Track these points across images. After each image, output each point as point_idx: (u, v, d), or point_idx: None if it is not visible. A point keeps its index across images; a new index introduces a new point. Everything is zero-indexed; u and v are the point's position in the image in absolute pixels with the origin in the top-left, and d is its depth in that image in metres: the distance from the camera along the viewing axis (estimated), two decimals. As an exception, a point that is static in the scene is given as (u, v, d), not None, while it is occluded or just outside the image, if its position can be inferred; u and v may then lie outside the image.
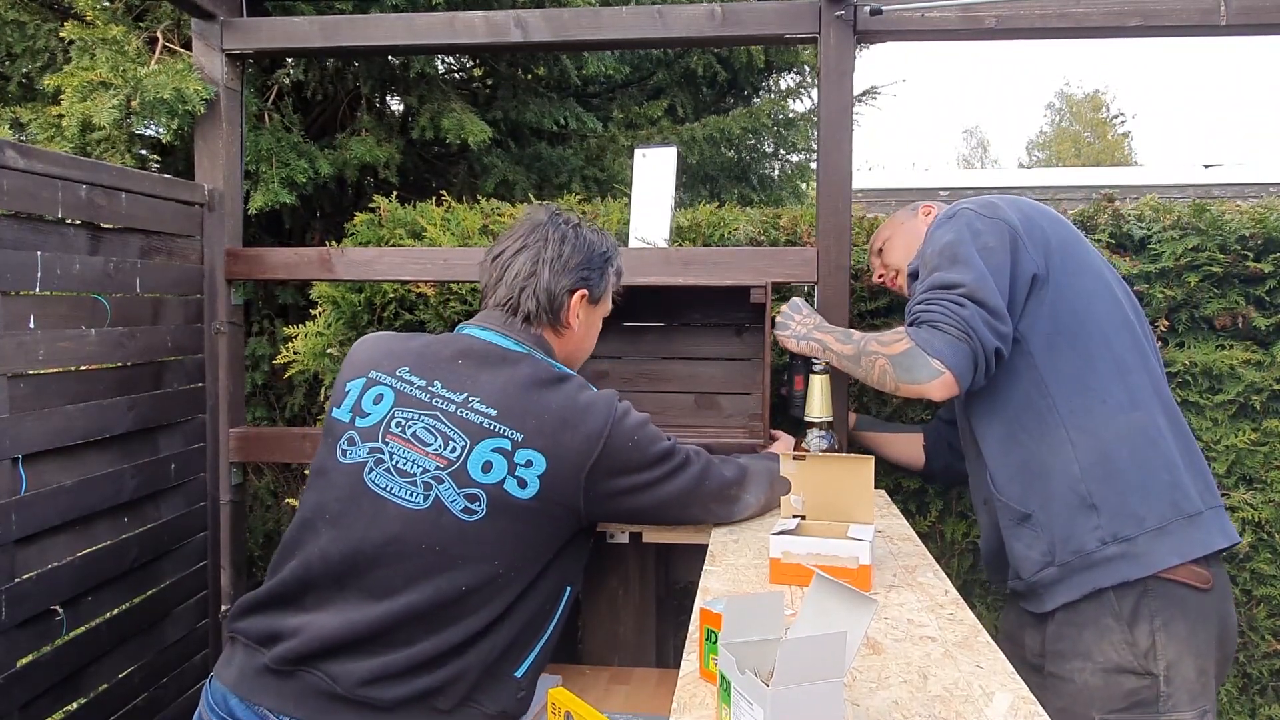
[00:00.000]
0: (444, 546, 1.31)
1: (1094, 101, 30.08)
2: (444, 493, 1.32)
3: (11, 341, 1.59)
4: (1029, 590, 1.60)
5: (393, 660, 1.28)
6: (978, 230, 1.58)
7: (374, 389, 1.41)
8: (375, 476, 1.35)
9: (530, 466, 1.33)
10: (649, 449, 1.43)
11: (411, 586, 1.30)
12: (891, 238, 1.93)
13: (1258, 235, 2.12)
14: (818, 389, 1.60)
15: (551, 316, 1.50)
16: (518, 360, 1.42)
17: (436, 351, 1.43)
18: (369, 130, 3.38)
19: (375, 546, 1.31)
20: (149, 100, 2.23)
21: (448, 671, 1.30)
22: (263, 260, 2.22)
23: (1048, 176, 13.10)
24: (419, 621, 1.30)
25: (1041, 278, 1.56)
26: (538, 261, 1.49)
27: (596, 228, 1.61)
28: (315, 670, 1.28)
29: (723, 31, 2.08)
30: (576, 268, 1.51)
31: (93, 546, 1.80)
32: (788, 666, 0.82)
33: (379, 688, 1.27)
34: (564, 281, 1.50)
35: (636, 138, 4.12)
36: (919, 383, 1.51)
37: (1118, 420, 1.52)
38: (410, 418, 1.37)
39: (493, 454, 1.33)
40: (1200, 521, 1.50)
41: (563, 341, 1.54)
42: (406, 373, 1.41)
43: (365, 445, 1.37)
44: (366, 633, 1.29)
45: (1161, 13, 1.95)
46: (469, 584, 1.31)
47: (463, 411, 1.36)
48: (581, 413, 1.37)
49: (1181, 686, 1.47)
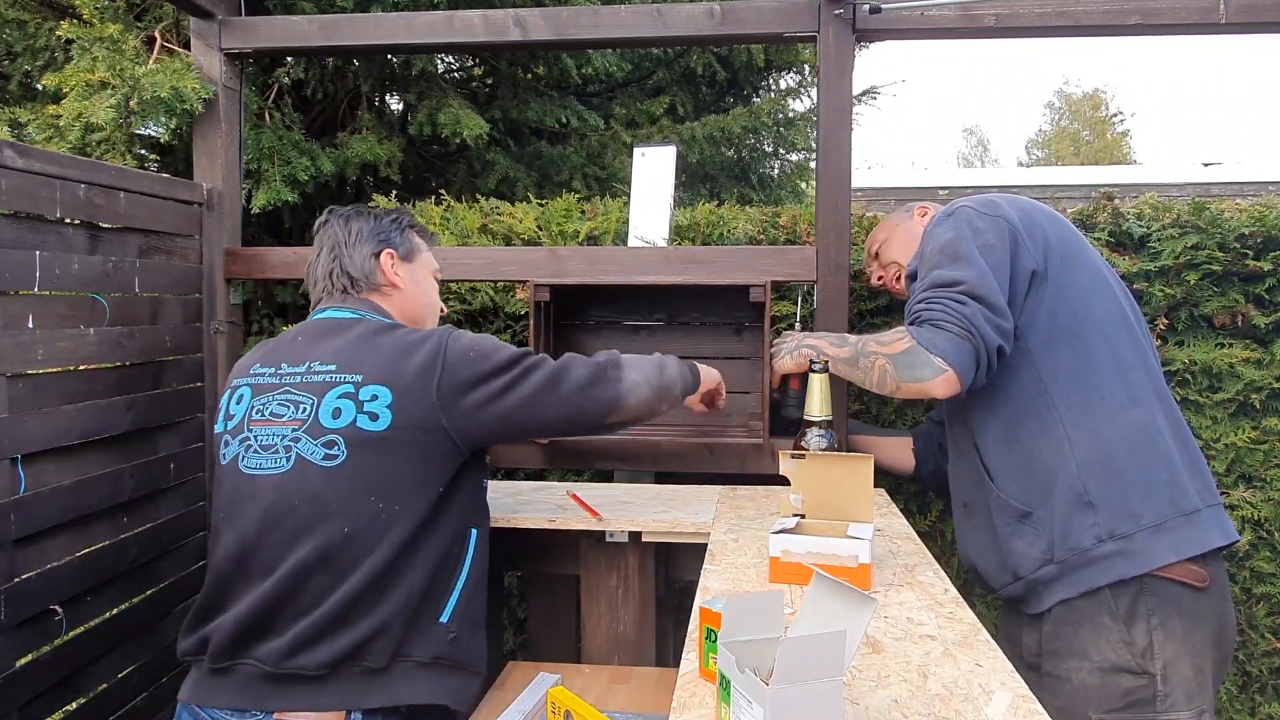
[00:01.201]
0: (314, 495, 1.36)
1: (1093, 100, 30.07)
2: (303, 449, 1.39)
3: (10, 341, 1.59)
4: (1027, 590, 1.59)
5: (307, 625, 1.32)
6: (978, 228, 1.58)
7: (234, 393, 1.51)
8: (246, 461, 1.42)
9: (376, 400, 1.39)
10: (493, 356, 1.46)
11: (297, 543, 1.35)
12: (888, 239, 1.93)
13: (1257, 233, 2.12)
14: (817, 388, 1.60)
15: (369, 281, 1.59)
16: (352, 324, 1.51)
17: (280, 339, 1.55)
18: (369, 129, 3.38)
19: (258, 522, 1.38)
20: (147, 100, 2.22)
21: (367, 626, 1.33)
22: (262, 259, 2.22)
23: (1047, 175, 13.10)
24: (315, 576, 1.34)
25: (1040, 275, 1.56)
26: (335, 247, 1.60)
27: (365, 206, 1.72)
28: (247, 659, 1.34)
29: (722, 30, 2.08)
30: (370, 234, 1.61)
31: (92, 546, 1.79)
32: (787, 665, 0.82)
33: (302, 656, 1.32)
34: (365, 248, 1.60)
35: (637, 136, 4.12)
36: (921, 381, 1.51)
37: (1116, 418, 1.52)
38: (266, 401, 1.45)
39: (340, 400, 1.40)
40: (1198, 519, 1.50)
41: (395, 302, 1.61)
42: (257, 368, 1.50)
43: (236, 439, 1.45)
44: (272, 602, 1.34)
45: (1161, 11, 1.94)
46: (351, 526, 1.36)
47: (306, 377, 1.44)
48: (415, 344, 1.45)
49: (1179, 686, 1.47)
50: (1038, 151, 31.03)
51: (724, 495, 1.91)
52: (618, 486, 2.07)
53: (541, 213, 2.42)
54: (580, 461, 2.15)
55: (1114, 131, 29.33)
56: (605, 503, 1.86)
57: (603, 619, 1.85)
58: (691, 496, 1.93)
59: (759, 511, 1.77)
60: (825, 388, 1.60)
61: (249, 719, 1.33)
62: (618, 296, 2.22)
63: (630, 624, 1.85)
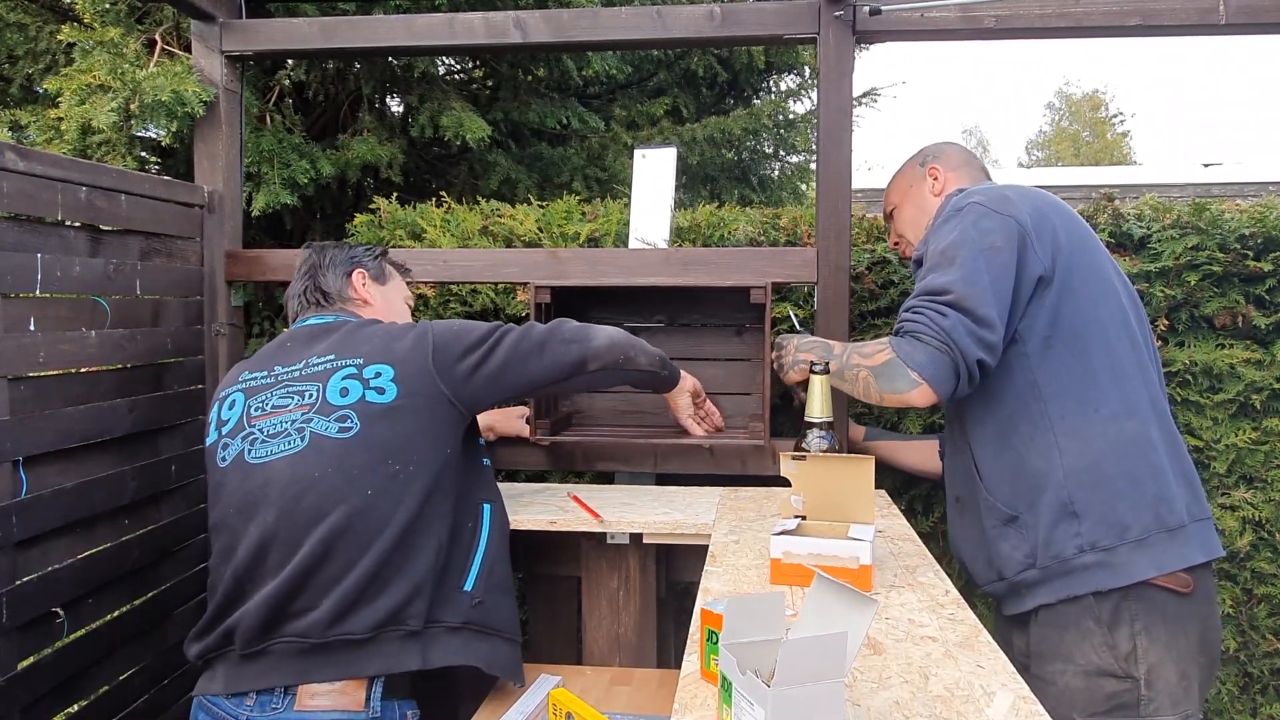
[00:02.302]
0: (335, 465, 1.41)
1: (1093, 101, 30.09)
2: (316, 426, 1.44)
3: (12, 344, 1.59)
4: (1010, 591, 1.60)
5: (343, 593, 1.35)
6: (985, 229, 1.53)
7: (224, 402, 1.55)
8: (254, 453, 1.45)
9: (380, 376, 1.48)
10: (473, 331, 1.58)
11: (323, 513, 1.38)
12: (900, 206, 1.87)
13: (1257, 234, 2.12)
14: (818, 389, 1.60)
15: (341, 295, 1.69)
16: (338, 325, 1.60)
17: (266, 347, 1.61)
18: (370, 131, 3.38)
19: (276, 504, 1.40)
20: (148, 103, 2.23)
21: (401, 588, 1.38)
22: (263, 261, 2.22)
23: (1047, 176, 13.10)
24: (343, 543, 1.37)
25: (1047, 279, 1.53)
26: (310, 271, 1.71)
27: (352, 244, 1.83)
28: (283, 637, 1.36)
29: (722, 32, 2.08)
30: (345, 260, 1.72)
31: (93, 548, 1.80)
32: (789, 667, 0.82)
33: (348, 621, 1.36)
34: (339, 269, 1.70)
35: (637, 137, 4.13)
36: (899, 393, 1.51)
37: (1109, 429, 1.51)
38: (264, 398, 1.50)
39: (345, 380, 1.48)
40: (1182, 535, 1.49)
41: (366, 315, 1.68)
42: (246, 375, 1.56)
43: (236, 438, 1.48)
44: (303, 574, 1.36)
45: (1161, 12, 1.95)
46: (374, 489, 1.40)
47: (304, 369, 1.51)
48: (401, 331, 1.56)
49: (1163, 690, 1.46)
50: (1038, 152, 31.05)
51: (725, 496, 1.91)
52: (619, 488, 2.07)
53: (542, 214, 2.42)
54: (581, 463, 2.15)
55: (1114, 132, 29.36)
56: (606, 504, 1.87)
57: (604, 620, 1.86)
58: (692, 498, 1.94)
59: (760, 513, 1.77)
60: (826, 389, 1.60)
61: (273, 699, 1.35)
62: (618, 298, 2.23)
63: (631, 625, 1.85)
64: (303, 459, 1.42)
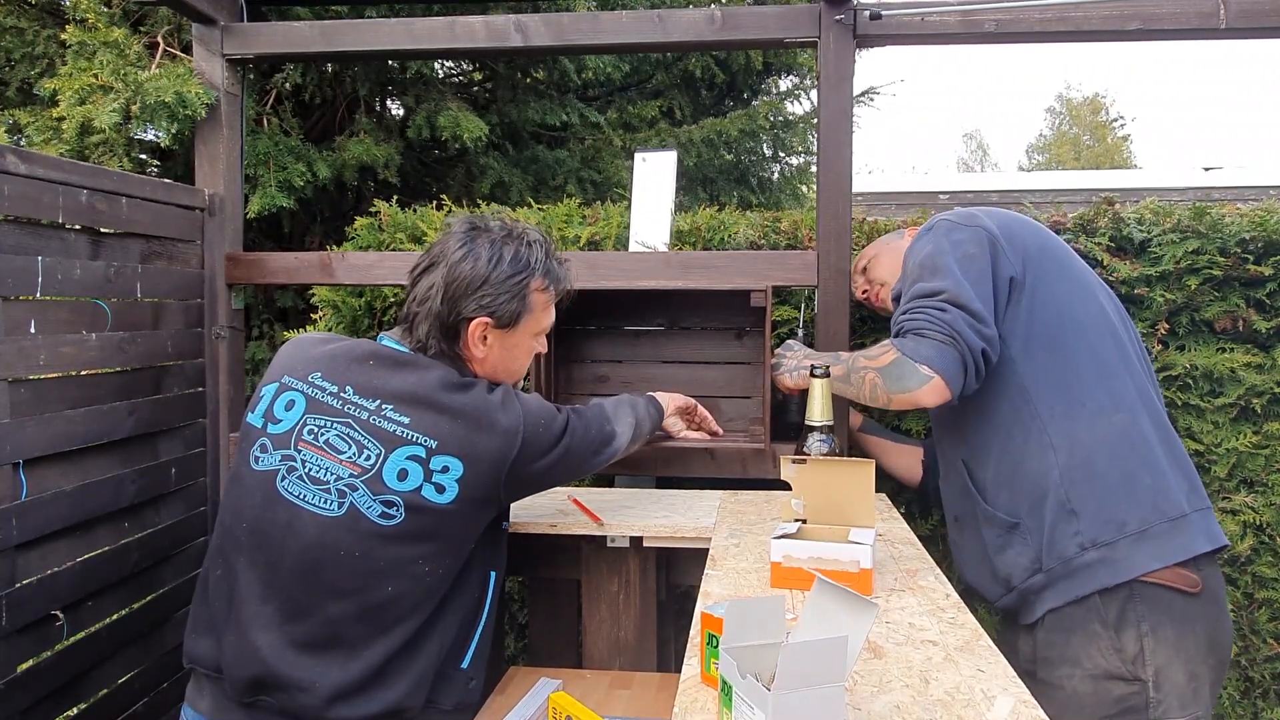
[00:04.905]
0: (364, 552, 1.31)
1: (1094, 105, 30.12)
2: (359, 500, 1.32)
3: (12, 346, 1.59)
4: (1020, 600, 1.59)
5: (347, 681, 1.29)
6: (957, 240, 1.59)
7: (286, 394, 1.40)
8: (288, 484, 1.34)
9: (447, 472, 1.34)
10: (553, 426, 1.47)
11: (338, 596, 1.31)
12: (877, 256, 1.95)
13: (1258, 238, 2.12)
14: (818, 392, 1.60)
15: (447, 345, 1.44)
16: (429, 366, 1.41)
17: (348, 353, 1.42)
18: (367, 133, 3.39)
19: (294, 556, 1.32)
20: (150, 104, 2.23)
21: (405, 684, 1.33)
22: (263, 264, 2.22)
23: (1047, 180, 13.10)
24: (352, 628, 1.31)
25: (1019, 282, 1.57)
26: (432, 286, 1.42)
27: (526, 236, 1.48)
28: (273, 699, 1.31)
29: (722, 35, 2.08)
30: (476, 293, 1.41)
31: (93, 551, 1.80)
32: (789, 671, 0.82)
33: (345, 707, 1.30)
34: (460, 308, 1.41)
35: (633, 140, 4.13)
36: (909, 391, 1.51)
37: (1098, 423, 1.52)
38: (323, 425, 1.36)
39: (408, 461, 1.33)
40: (1183, 525, 1.49)
41: (476, 364, 1.48)
42: (319, 378, 1.40)
43: (277, 453, 1.36)
44: (306, 646, 1.31)
45: (1161, 16, 1.95)
46: (395, 588, 1.32)
47: (375, 419, 1.35)
48: (493, 414, 1.38)
49: (1171, 692, 1.46)
50: (1038, 156, 31.07)
51: (725, 500, 1.91)
52: (619, 491, 2.06)
53: (542, 217, 2.42)
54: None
55: (1114, 136, 29.38)
56: (606, 507, 1.86)
57: (604, 624, 1.85)
58: (693, 501, 1.93)
59: (760, 516, 1.77)
60: (826, 393, 1.60)
61: None
62: (619, 301, 2.22)
63: (631, 629, 1.85)
64: (334, 528, 1.31)
